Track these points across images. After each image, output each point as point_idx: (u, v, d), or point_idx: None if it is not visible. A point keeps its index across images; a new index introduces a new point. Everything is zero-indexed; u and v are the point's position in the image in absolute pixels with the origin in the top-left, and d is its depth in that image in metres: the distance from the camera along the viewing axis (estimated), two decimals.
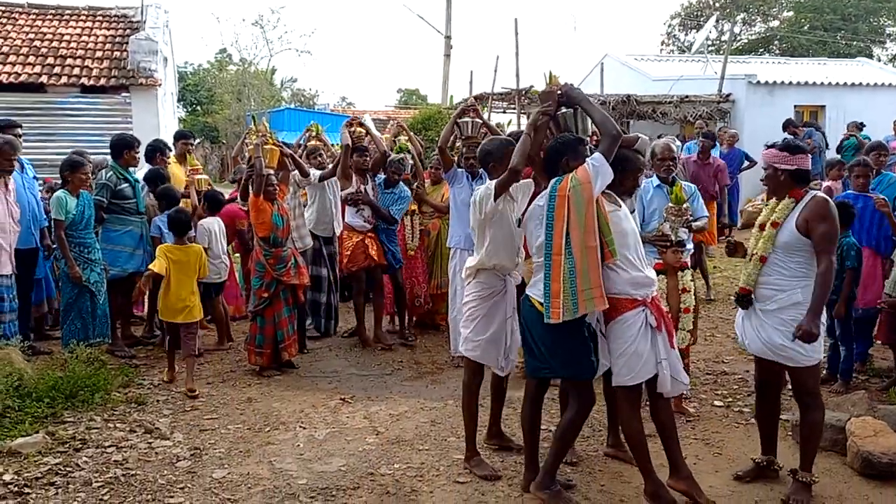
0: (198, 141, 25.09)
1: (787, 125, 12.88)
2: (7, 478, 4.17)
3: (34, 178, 6.98)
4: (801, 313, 3.79)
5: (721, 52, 23.29)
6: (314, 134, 8.28)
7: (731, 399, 5.50)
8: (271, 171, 6.33)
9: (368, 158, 7.23)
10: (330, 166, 7.35)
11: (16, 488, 4.07)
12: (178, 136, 8.40)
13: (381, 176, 7.32)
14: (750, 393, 5.59)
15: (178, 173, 7.66)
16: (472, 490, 4.08)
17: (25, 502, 3.94)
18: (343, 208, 7.24)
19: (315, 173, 7.15)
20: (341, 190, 7.11)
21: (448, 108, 18.72)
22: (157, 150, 7.37)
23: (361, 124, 7.40)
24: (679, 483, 3.86)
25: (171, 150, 7.75)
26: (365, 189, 7.04)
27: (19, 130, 6.56)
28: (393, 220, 7.10)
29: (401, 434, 4.90)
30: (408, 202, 7.26)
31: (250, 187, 6.22)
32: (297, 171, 6.95)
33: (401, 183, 7.23)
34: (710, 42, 30.85)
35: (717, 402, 5.43)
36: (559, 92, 4.08)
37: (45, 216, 6.68)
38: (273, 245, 6.20)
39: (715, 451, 4.61)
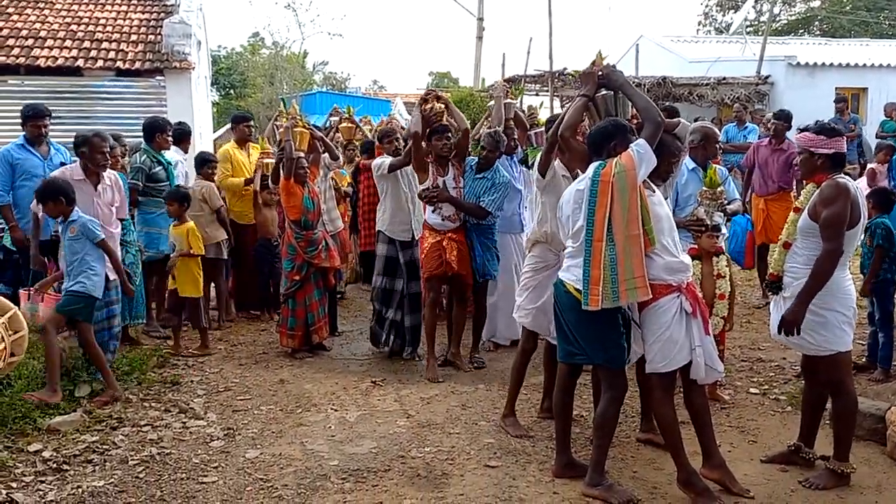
0: (230, 124, 25.25)
1: (841, 101, 12.31)
2: (46, 454, 4.26)
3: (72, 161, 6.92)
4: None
5: (760, 32, 22.83)
6: (346, 116, 8.25)
7: (767, 386, 5.41)
8: (301, 154, 6.34)
9: (451, 141, 5.88)
10: (402, 155, 6.21)
11: (55, 465, 4.16)
12: (239, 119, 7.92)
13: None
14: (786, 380, 5.50)
15: (240, 158, 7.48)
16: (503, 474, 4.07)
17: (64, 479, 4.02)
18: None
19: (382, 162, 6.17)
20: (420, 184, 5.84)
21: (480, 90, 18.61)
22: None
23: (439, 98, 5.97)
24: (713, 471, 3.82)
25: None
26: (444, 182, 5.77)
27: (47, 120, 6.19)
28: (483, 213, 5.75)
29: (431, 417, 4.91)
30: (505, 189, 5.82)
31: (281, 170, 6.25)
32: (327, 154, 6.93)
33: (497, 166, 5.86)
34: (748, 23, 30.28)
35: (752, 390, 5.35)
36: (599, 74, 4.03)
37: None
38: (304, 228, 6.22)
39: (750, 438, 4.54)
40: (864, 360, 5.70)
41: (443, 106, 5.86)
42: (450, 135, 5.83)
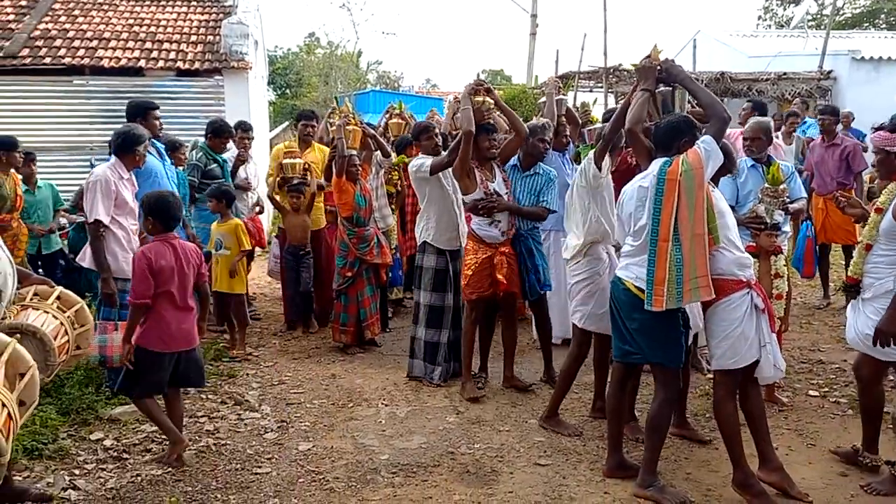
0: (286, 123, 25.65)
1: None
2: (107, 443, 4.41)
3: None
4: None
5: (822, 26, 22.18)
6: (397, 112, 8.23)
7: (826, 389, 5.27)
8: (354, 152, 6.39)
9: (498, 141, 5.36)
10: (444, 154, 5.51)
11: (115, 453, 4.31)
12: (299, 117, 7.83)
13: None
14: (847, 383, 5.34)
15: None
16: (553, 473, 4.04)
17: (124, 467, 4.15)
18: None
19: (422, 163, 5.45)
20: (464, 192, 5.22)
21: (533, 87, 18.51)
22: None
23: (490, 91, 5.25)
24: (770, 474, 3.73)
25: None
26: (495, 190, 5.17)
27: (157, 112, 5.84)
28: (546, 213, 5.32)
29: (481, 414, 4.90)
30: (556, 182, 5.39)
31: (333, 168, 6.31)
32: (379, 152, 6.97)
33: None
34: (810, 16, 29.44)
35: (812, 392, 5.21)
36: (659, 68, 3.97)
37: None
38: (356, 225, 6.28)
39: (808, 442, 4.42)
40: None
41: (492, 102, 5.21)
42: (496, 135, 5.31)
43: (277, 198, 7.02)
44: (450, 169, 5.33)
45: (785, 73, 15.41)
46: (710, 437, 4.40)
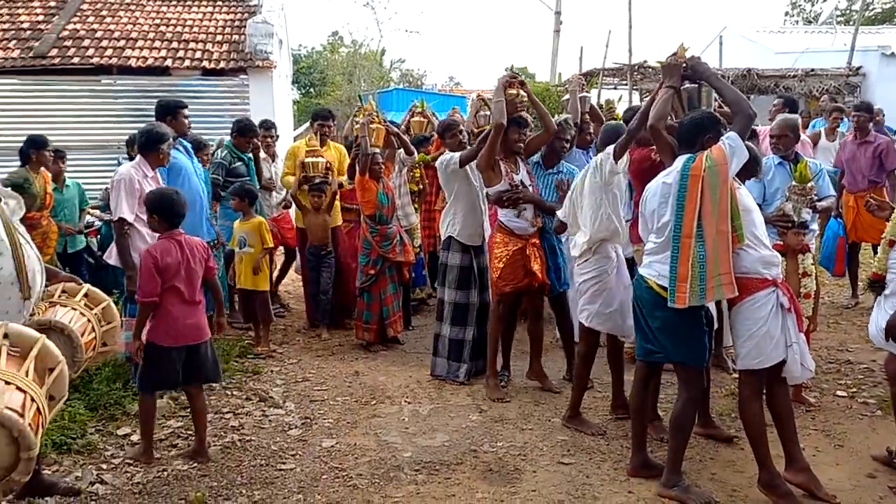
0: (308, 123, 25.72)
1: None
2: (134, 438, 4.46)
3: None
4: None
5: (851, 22, 21.85)
6: (419, 110, 8.21)
7: (855, 389, 5.19)
8: (377, 150, 6.40)
9: (527, 136, 5.30)
10: (473, 146, 5.57)
11: (142, 448, 4.33)
12: (315, 117, 7.71)
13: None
14: (876, 383, 5.26)
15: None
16: (577, 472, 4.03)
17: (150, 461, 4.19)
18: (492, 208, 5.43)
19: (451, 157, 5.54)
20: (488, 185, 5.23)
21: (557, 85, 18.43)
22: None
23: (523, 84, 5.24)
24: (797, 475, 3.69)
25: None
26: (521, 182, 5.17)
27: (186, 111, 5.77)
28: None
29: (504, 413, 4.90)
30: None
31: (357, 166, 6.33)
32: (402, 150, 6.97)
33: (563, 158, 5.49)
34: (839, 12, 29.04)
35: (839, 393, 5.14)
36: (684, 65, 3.94)
37: None
38: (379, 222, 6.29)
39: (836, 443, 4.36)
40: None
41: (525, 95, 5.18)
42: (527, 130, 5.27)
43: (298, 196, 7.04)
44: (475, 163, 5.34)
45: (813, 70, 15.21)
46: (735, 436, 4.36)
